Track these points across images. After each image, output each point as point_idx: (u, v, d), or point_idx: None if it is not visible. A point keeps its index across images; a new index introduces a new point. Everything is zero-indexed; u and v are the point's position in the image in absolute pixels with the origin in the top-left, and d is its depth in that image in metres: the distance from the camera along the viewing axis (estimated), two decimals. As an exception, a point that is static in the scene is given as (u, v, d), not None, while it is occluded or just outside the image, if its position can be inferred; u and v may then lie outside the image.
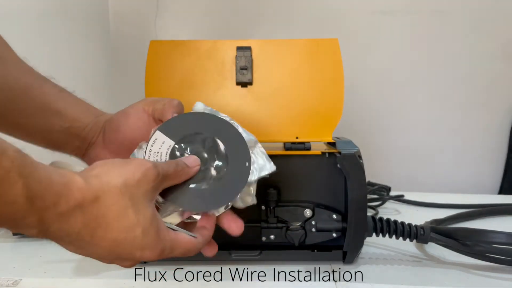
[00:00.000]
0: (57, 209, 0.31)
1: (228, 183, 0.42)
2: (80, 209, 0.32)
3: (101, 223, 0.33)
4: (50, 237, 0.32)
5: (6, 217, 0.29)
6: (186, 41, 0.61)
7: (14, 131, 0.49)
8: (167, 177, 0.39)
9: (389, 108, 1.13)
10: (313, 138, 0.58)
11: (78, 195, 0.32)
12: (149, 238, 0.36)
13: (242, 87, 0.60)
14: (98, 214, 0.33)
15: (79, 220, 0.32)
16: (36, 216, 0.30)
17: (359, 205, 0.52)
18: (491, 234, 0.52)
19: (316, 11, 1.11)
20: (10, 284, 0.50)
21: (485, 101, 1.12)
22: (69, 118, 0.49)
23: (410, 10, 1.10)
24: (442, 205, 0.86)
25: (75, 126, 0.49)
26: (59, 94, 0.49)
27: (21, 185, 0.28)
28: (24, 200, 0.28)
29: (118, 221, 0.34)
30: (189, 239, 0.40)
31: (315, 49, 0.60)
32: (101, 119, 0.50)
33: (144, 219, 0.35)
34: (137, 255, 0.36)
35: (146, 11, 1.14)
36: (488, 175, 1.15)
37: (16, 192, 0.28)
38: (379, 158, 1.14)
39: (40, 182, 0.30)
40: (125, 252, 0.35)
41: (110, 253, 0.35)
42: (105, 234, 0.34)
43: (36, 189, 0.29)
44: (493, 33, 1.09)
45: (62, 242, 0.34)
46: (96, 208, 0.33)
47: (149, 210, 0.36)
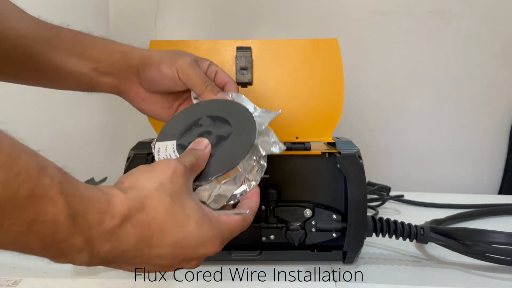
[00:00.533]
0: (103, 227, 0.29)
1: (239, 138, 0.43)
2: (129, 221, 0.31)
3: (155, 229, 0.32)
4: (106, 261, 0.31)
5: (48, 239, 0.27)
6: (186, 41, 0.61)
7: (46, 82, 0.51)
8: (193, 167, 0.38)
9: (389, 108, 1.13)
10: (313, 138, 0.59)
11: (122, 208, 0.31)
12: (205, 228, 0.35)
13: (242, 87, 0.60)
14: (149, 221, 0.32)
15: (131, 233, 0.31)
16: (81, 236, 0.28)
17: (359, 205, 0.52)
18: (491, 234, 0.52)
19: (316, 11, 1.11)
20: (10, 284, 0.50)
21: (485, 101, 1.12)
22: (92, 59, 0.50)
23: (410, 10, 1.10)
24: (442, 205, 0.86)
25: (102, 66, 0.50)
26: (76, 39, 0.50)
27: (62, 202, 0.27)
28: (66, 219, 0.27)
29: (170, 221, 0.33)
30: (240, 216, 0.39)
31: (315, 49, 0.60)
32: (130, 57, 0.51)
33: (193, 211, 0.35)
34: (201, 251, 0.35)
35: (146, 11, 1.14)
36: (488, 175, 1.15)
37: (57, 211, 0.27)
38: (379, 158, 1.14)
39: (82, 201, 0.29)
40: (188, 252, 0.34)
41: (174, 258, 0.34)
42: (163, 240, 0.33)
43: (78, 207, 0.28)
44: (493, 33, 1.09)
45: (121, 264, 0.32)
46: (144, 215, 0.32)
47: (193, 202, 0.35)
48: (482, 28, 1.09)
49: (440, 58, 1.11)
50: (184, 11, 1.15)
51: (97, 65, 0.50)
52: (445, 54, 1.10)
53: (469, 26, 1.09)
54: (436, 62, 1.11)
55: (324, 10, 1.11)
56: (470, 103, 1.12)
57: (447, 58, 1.11)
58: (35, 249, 0.28)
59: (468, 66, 1.11)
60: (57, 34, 0.49)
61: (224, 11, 1.14)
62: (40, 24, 0.49)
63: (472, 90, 1.11)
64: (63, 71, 0.49)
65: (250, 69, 0.59)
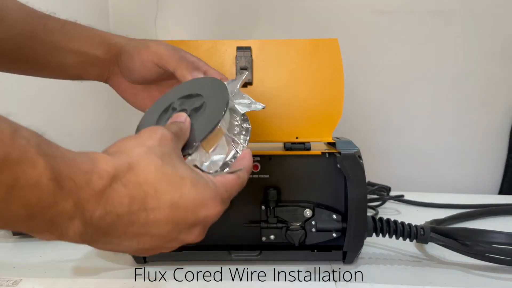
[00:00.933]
0: (92, 187, 0.27)
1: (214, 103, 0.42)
2: (118, 181, 0.28)
3: (148, 190, 0.30)
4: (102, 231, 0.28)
5: (33, 206, 0.25)
6: (186, 41, 0.61)
7: (34, 71, 0.52)
8: (178, 135, 0.37)
9: (389, 108, 1.13)
10: (313, 138, 0.59)
11: (109, 168, 0.28)
12: (201, 187, 0.33)
13: (242, 87, 0.60)
14: (140, 181, 0.30)
15: (123, 194, 0.28)
16: (70, 200, 0.26)
17: (359, 205, 0.52)
18: (491, 234, 0.52)
19: (316, 11, 1.11)
20: (10, 284, 0.50)
21: (485, 101, 1.12)
22: (79, 53, 0.50)
23: (410, 10, 1.10)
24: (442, 205, 0.86)
25: (88, 58, 0.51)
26: (63, 30, 0.50)
27: (42, 164, 0.25)
28: (49, 182, 0.25)
29: (164, 181, 0.31)
30: (236, 175, 0.38)
31: (315, 49, 0.60)
32: (113, 48, 0.52)
33: (186, 172, 0.33)
34: (202, 213, 0.33)
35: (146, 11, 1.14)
36: (488, 175, 1.15)
37: (38, 173, 0.25)
38: (379, 158, 1.14)
39: (64, 161, 0.26)
40: (189, 215, 0.32)
41: (175, 224, 0.31)
42: (159, 200, 0.30)
43: (61, 167, 0.26)
44: (493, 33, 1.09)
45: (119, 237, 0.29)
46: (134, 176, 0.29)
47: (185, 165, 0.34)
48: (482, 28, 1.09)
49: (440, 58, 1.11)
50: (184, 11, 1.15)
51: (84, 58, 0.51)
52: (445, 54, 1.10)
53: (469, 26, 1.09)
54: (436, 62, 1.11)
55: (324, 10, 1.11)
56: (470, 103, 1.12)
57: (447, 58, 1.11)
58: (20, 219, 0.25)
59: (468, 66, 1.10)
60: (44, 25, 0.49)
61: (224, 11, 1.14)
62: (27, 13, 0.49)
63: (472, 90, 1.11)
64: (51, 63, 0.50)
65: (250, 69, 0.59)
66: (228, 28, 1.14)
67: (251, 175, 0.55)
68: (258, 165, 0.55)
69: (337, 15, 1.11)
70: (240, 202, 0.55)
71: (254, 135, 0.59)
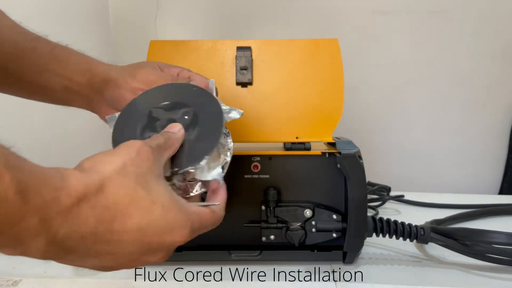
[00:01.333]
0: (59, 204, 0.26)
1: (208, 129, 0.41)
2: (87, 202, 0.28)
3: (116, 213, 0.29)
4: (65, 249, 0.28)
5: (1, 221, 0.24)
6: (186, 41, 0.61)
7: (21, 93, 0.50)
8: (162, 148, 0.36)
9: (389, 108, 1.13)
10: (313, 138, 0.59)
11: (78, 186, 0.28)
12: (172, 215, 0.32)
13: (242, 87, 0.60)
14: (109, 204, 0.29)
15: (90, 215, 0.28)
16: (36, 216, 0.25)
17: (359, 205, 0.52)
18: (491, 234, 0.52)
19: (316, 11, 1.11)
20: (10, 284, 0.50)
21: (485, 101, 1.12)
22: (65, 77, 0.48)
23: (410, 10, 1.10)
24: (442, 205, 0.86)
25: (71, 84, 0.49)
26: (52, 54, 0.49)
27: (8, 177, 0.24)
28: (15, 196, 0.24)
29: (134, 205, 0.30)
30: (212, 208, 0.37)
31: (315, 49, 0.60)
32: (96, 81, 0.49)
33: (160, 195, 0.32)
34: (167, 240, 0.32)
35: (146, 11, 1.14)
36: (488, 175, 1.15)
37: (4, 187, 0.24)
38: (379, 158, 1.14)
39: (32, 176, 0.26)
40: (154, 241, 0.31)
41: (139, 247, 0.31)
42: (125, 225, 0.29)
43: (28, 182, 0.25)
44: (493, 33, 1.09)
45: (83, 254, 0.29)
46: (104, 198, 0.29)
47: (161, 186, 0.33)
48: (482, 28, 1.09)
49: (440, 58, 1.11)
50: (184, 11, 1.15)
51: (68, 83, 0.49)
52: (445, 54, 1.10)
53: (469, 26, 1.09)
54: (436, 62, 1.11)
55: (324, 10, 1.11)
56: (471, 103, 1.12)
57: (447, 58, 1.11)
58: None
59: (469, 66, 1.11)
60: (34, 47, 0.48)
61: (224, 11, 1.14)
62: (19, 33, 0.48)
63: (472, 90, 1.11)
64: (36, 86, 0.48)
65: (250, 69, 0.59)
66: (228, 28, 1.14)
67: (251, 175, 0.55)
68: (258, 165, 0.55)
69: (337, 15, 1.11)
70: (240, 202, 0.55)
71: (254, 135, 0.59)
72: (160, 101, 0.44)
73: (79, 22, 1.01)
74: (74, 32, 0.99)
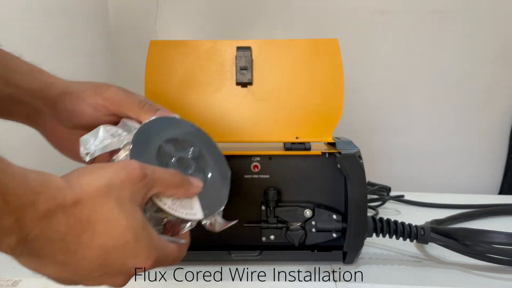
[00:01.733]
0: (36, 208, 0.27)
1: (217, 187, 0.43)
2: (62, 210, 0.29)
3: (87, 228, 0.30)
4: (31, 250, 0.28)
5: None
6: (186, 41, 0.61)
7: None
8: (158, 182, 0.36)
9: (389, 108, 1.13)
10: (313, 138, 0.58)
11: (58, 194, 0.29)
12: (142, 244, 0.33)
13: (242, 87, 0.60)
14: (82, 217, 0.30)
15: (63, 223, 0.29)
16: (13, 216, 0.26)
17: (359, 205, 0.52)
18: (491, 234, 0.52)
19: (316, 11, 1.11)
20: (10, 284, 0.50)
21: (485, 101, 1.12)
22: (10, 85, 0.44)
23: (410, 10, 1.10)
24: (442, 205, 0.86)
25: (18, 93, 0.45)
26: (3, 60, 0.45)
27: None
28: None
29: (106, 225, 0.31)
30: (177, 245, 0.38)
31: (315, 49, 0.60)
32: (50, 88, 0.46)
33: (135, 222, 0.32)
34: (130, 264, 0.33)
35: (146, 11, 1.14)
36: (488, 175, 1.15)
37: None
38: (379, 158, 1.14)
39: (14, 178, 0.26)
40: (117, 263, 0.32)
41: (99, 265, 0.31)
42: (92, 241, 0.30)
43: (9, 184, 0.26)
44: (493, 33, 1.09)
45: (45, 259, 0.30)
46: (79, 210, 0.30)
47: (138, 214, 0.33)
48: (482, 28, 1.09)
49: (440, 58, 1.11)
50: (184, 11, 1.15)
51: (13, 91, 0.45)
52: (445, 54, 1.11)
53: (469, 26, 1.09)
54: (436, 62, 1.11)
55: (324, 10, 1.11)
56: (471, 103, 1.12)
57: (447, 58, 1.11)
58: None
59: (468, 66, 1.11)
60: None
61: (224, 11, 1.14)
62: None
63: (472, 90, 1.11)
64: None
65: (250, 69, 0.59)
66: (228, 28, 1.14)
67: (251, 175, 0.55)
68: (258, 165, 0.55)
69: (337, 15, 1.11)
70: (240, 202, 0.55)
71: (254, 135, 0.59)
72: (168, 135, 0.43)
73: (79, 22, 1.01)
74: (74, 32, 0.99)
